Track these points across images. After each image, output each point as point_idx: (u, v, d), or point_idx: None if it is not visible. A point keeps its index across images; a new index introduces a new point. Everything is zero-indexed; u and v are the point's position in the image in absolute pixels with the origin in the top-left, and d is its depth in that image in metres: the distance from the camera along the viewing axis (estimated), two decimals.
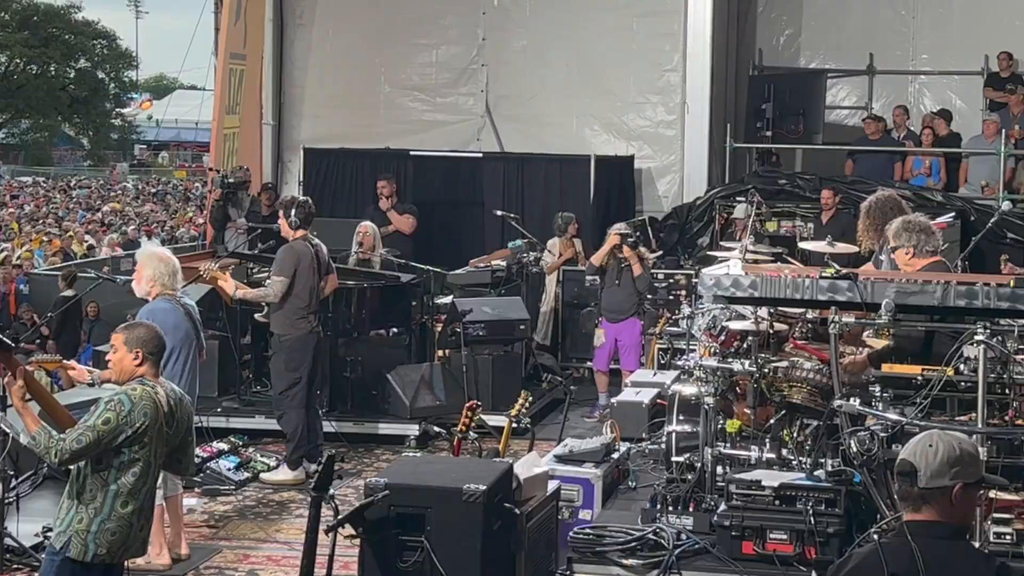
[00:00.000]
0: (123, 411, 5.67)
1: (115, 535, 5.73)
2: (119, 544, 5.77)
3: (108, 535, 5.71)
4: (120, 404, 5.68)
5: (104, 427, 5.63)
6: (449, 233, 15.07)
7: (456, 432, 8.21)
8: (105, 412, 5.66)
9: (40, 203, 36.37)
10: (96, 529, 5.71)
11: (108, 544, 5.73)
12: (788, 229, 13.87)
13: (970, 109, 16.48)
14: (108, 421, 5.64)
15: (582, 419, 11.78)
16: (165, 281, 7.99)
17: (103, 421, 5.64)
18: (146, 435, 5.71)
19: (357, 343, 11.56)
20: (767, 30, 17.46)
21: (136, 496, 5.76)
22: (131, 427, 5.66)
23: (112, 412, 5.66)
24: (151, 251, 8.33)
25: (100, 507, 5.71)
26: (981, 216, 13.10)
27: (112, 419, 5.64)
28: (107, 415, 5.65)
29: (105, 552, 5.73)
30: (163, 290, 8.02)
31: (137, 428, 5.67)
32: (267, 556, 8.40)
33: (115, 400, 5.70)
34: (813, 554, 6.31)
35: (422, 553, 5.70)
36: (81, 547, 5.70)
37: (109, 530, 5.71)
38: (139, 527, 5.86)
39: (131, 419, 5.66)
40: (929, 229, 7.22)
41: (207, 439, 10.18)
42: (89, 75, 60.85)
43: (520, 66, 16.37)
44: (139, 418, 5.68)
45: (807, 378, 6.83)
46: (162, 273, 7.99)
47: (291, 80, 16.93)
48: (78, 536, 5.71)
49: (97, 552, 5.71)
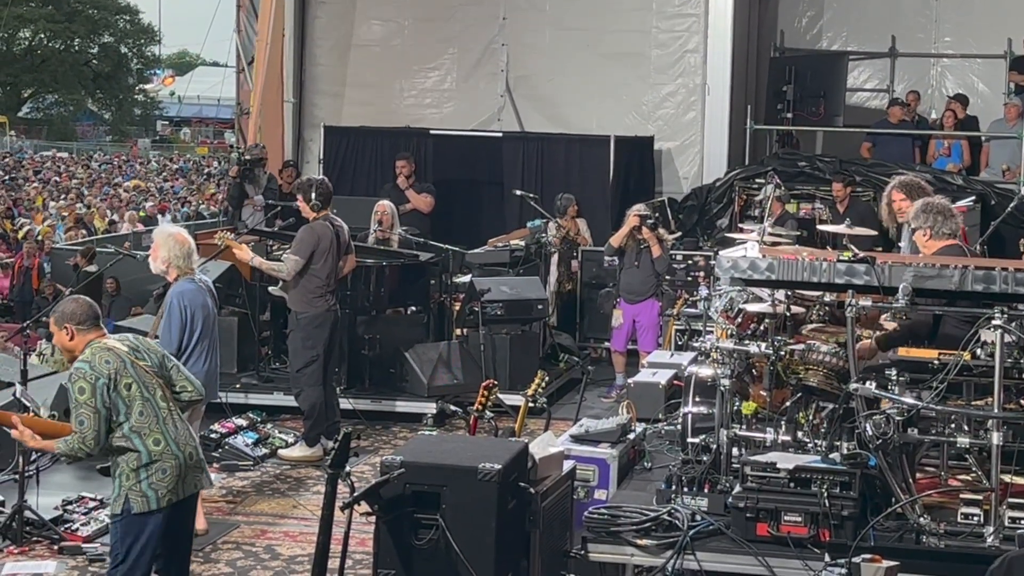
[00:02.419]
0: (86, 372, 5.87)
1: (166, 472, 5.93)
2: (176, 479, 5.96)
3: (159, 476, 5.93)
4: (80, 370, 5.90)
5: (84, 396, 5.84)
6: (468, 212, 15.08)
7: (472, 411, 8.23)
8: (76, 385, 5.87)
9: (64, 178, 36.51)
10: (145, 477, 5.91)
11: (165, 485, 5.93)
12: (807, 212, 13.84)
13: (992, 92, 16.39)
14: (83, 390, 5.85)
15: (599, 399, 11.81)
16: (180, 263, 8.05)
17: (79, 391, 5.85)
18: (122, 376, 5.91)
19: (375, 321, 11.60)
20: (789, 11, 17.38)
21: (160, 428, 5.95)
22: (103, 377, 5.85)
23: (80, 380, 5.87)
24: (167, 231, 8.34)
25: (139, 455, 5.91)
26: (1001, 200, 13.05)
27: (84, 386, 5.85)
28: (79, 385, 5.86)
29: (167, 492, 5.92)
30: (180, 272, 8.07)
31: (109, 374, 5.87)
32: (284, 532, 8.46)
33: (74, 372, 5.92)
34: (827, 536, 6.31)
35: (437, 531, 5.72)
36: (141, 499, 5.91)
37: (158, 471, 5.92)
38: (187, 456, 6.03)
39: (97, 372, 5.86)
40: (948, 211, 7.20)
41: (226, 415, 10.25)
42: (112, 50, 61.01)
43: (540, 46, 16.32)
44: (103, 366, 5.88)
45: (823, 361, 6.82)
46: (176, 255, 8.04)
47: (312, 58, 16.93)
48: (133, 491, 5.92)
49: (159, 495, 5.88)
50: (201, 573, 7.69)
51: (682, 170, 15.81)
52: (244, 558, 7.97)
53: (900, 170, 13.00)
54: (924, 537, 6.30)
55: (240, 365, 11.67)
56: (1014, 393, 6.42)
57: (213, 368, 8.22)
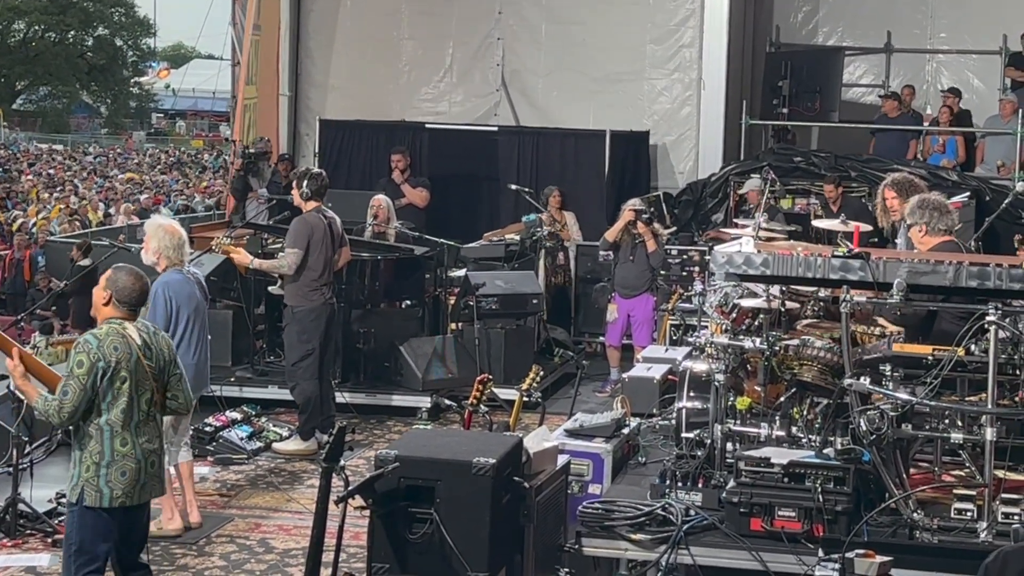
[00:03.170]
0: (91, 349, 5.83)
1: (125, 474, 5.89)
2: (132, 484, 5.92)
3: (118, 476, 5.88)
4: (87, 343, 5.86)
5: (80, 370, 5.81)
6: (463, 206, 15.07)
7: (467, 405, 8.24)
8: (76, 356, 5.84)
9: (59, 170, 36.45)
10: (104, 474, 5.87)
11: (122, 485, 5.87)
12: (803, 207, 13.85)
13: (988, 88, 16.40)
14: (81, 363, 5.82)
15: (593, 394, 11.81)
16: (170, 254, 8.09)
17: (77, 364, 5.82)
18: (122, 368, 5.86)
19: (370, 315, 11.60)
20: (785, 6, 17.37)
21: (130, 431, 5.91)
22: (104, 361, 5.81)
23: (82, 354, 5.83)
24: (158, 223, 8.41)
25: (102, 452, 5.87)
26: (996, 196, 13.05)
27: (84, 360, 5.82)
28: (79, 358, 5.83)
29: (121, 493, 5.88)
30: (170, 263, 8.11)
31: (111, 362, 5.82)
32: (278, 525, 8.46)
33: (82, 342, 5.88)
34: (821, 531, 6.32)
35: (431, 525, 5.73)
36: (95, 494, 5.87)
37: (118, 471, 5.87)
38: (148, 463, 6.00)
39: (102, 353, 5.83)
40: (944, 208, 7.22)
41: (220, 408, 10.24)
42: (107, 43, 60.89)
43: (536, 40, 16.31)
44: (110, 351, 5.84)
45: (818, 356, 6.83)
46: (167, 246, 8.09)
47: (307, 51, 16.90)
48: (89, 484, 5.88)
49: (113, 495, 5.85)
50: (195, 566, 7.70)
51: (678, 165, 15.80)
52: (238, 551, 7.97)
53: (895, 166, 13.02)
54: (917, 532, 6.31)
55: (235, 358, 11.67)
56: (1008, 389, 6.43)
57: (203, 360, 8.25)
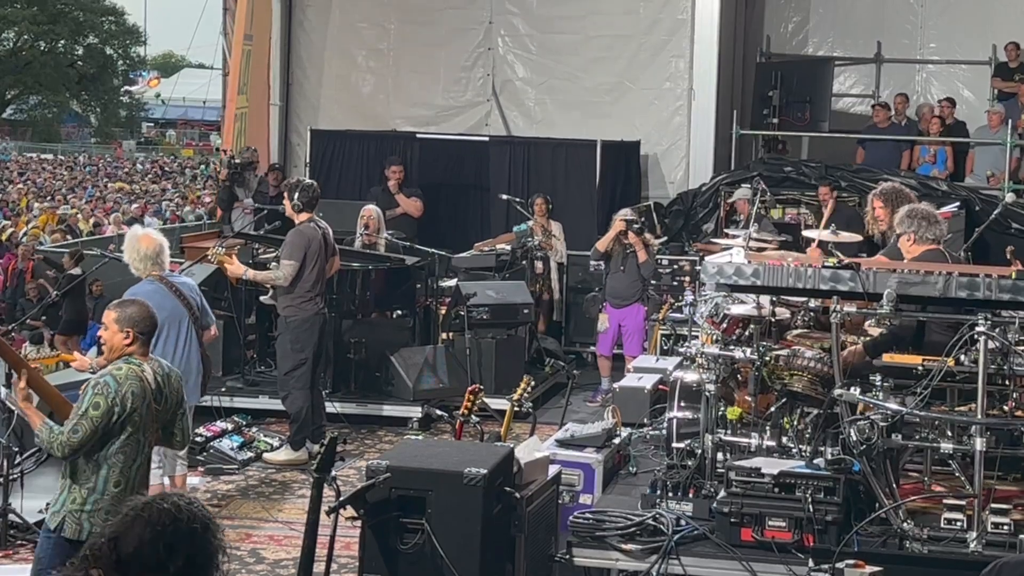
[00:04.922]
0: (110, 392, 5.73)
1: (108, 514, 5.77)
2: None
3: (102, 514, 5.76)
4: (107, 386, 5.74)
5: (95, 412, 5.70)
6: (454, 216, 15.08)
7: (458, 415, 8.24)
8: (94, 397, 5.72)
9: (49, 179, 36.43)
10: (90, 509, 5.78)
11: (103, 524, 5.77)
12: (792, 217, 13.89)
13: (977, 99, 16.45)
14: (98, 406, 5.71)
15: (584, 404, 11.82)
16: (138, 265, 8.13)
17: (93, 406, 5.71)
18: (135, 413, 5.78)
19: (361, 325, 11.60)
20: (775, 17, 17.41)
21: (127, 475, 5.83)
22: (120, 407, 5.72)
23: (100, 396, 5.72)
24: (134, 233, 8.42)
25: (93, 487, 5.79)
26: (986, 206, 13.10)
27: (101, 403, 5.71)
28: (96, 399, 5.71)
29: (99, 531, 5.77)
30: (140, 273, 8.14)
31: (127, 407, 5.74)
32: (269, 535, 8.45)
33: (101, 383, 5.76)
34: (811, 541, 6.34)
35: (422, 536, 5.73)
36: (76, 526, 5.77)
37: (103, 509, 5.77)
38: None
39: (120, 399, 5.73)
40: (932, 217, 7.25)
41: (211, 418, 10.23)
42: (97, 51, 60.89)
43: (527, 50, 16.35)
44: (127, 397, 5.74)
45: (808, 366, 6.85)
46: (134, 257, 8.12)
47: (298, 61, 16.92)
48: (72, 516, 5.79)
49: (92, 531, 5.76)
50: None
51: (668, 175, 15.84)
52: (228, 562, 7.93)
53: (885, 176, 13.06)
54: (907, 542, 6.32)
55: (225, 368, 11.64)
56: (997, 399, 6.45)
57: (188, 370, 8.12)
